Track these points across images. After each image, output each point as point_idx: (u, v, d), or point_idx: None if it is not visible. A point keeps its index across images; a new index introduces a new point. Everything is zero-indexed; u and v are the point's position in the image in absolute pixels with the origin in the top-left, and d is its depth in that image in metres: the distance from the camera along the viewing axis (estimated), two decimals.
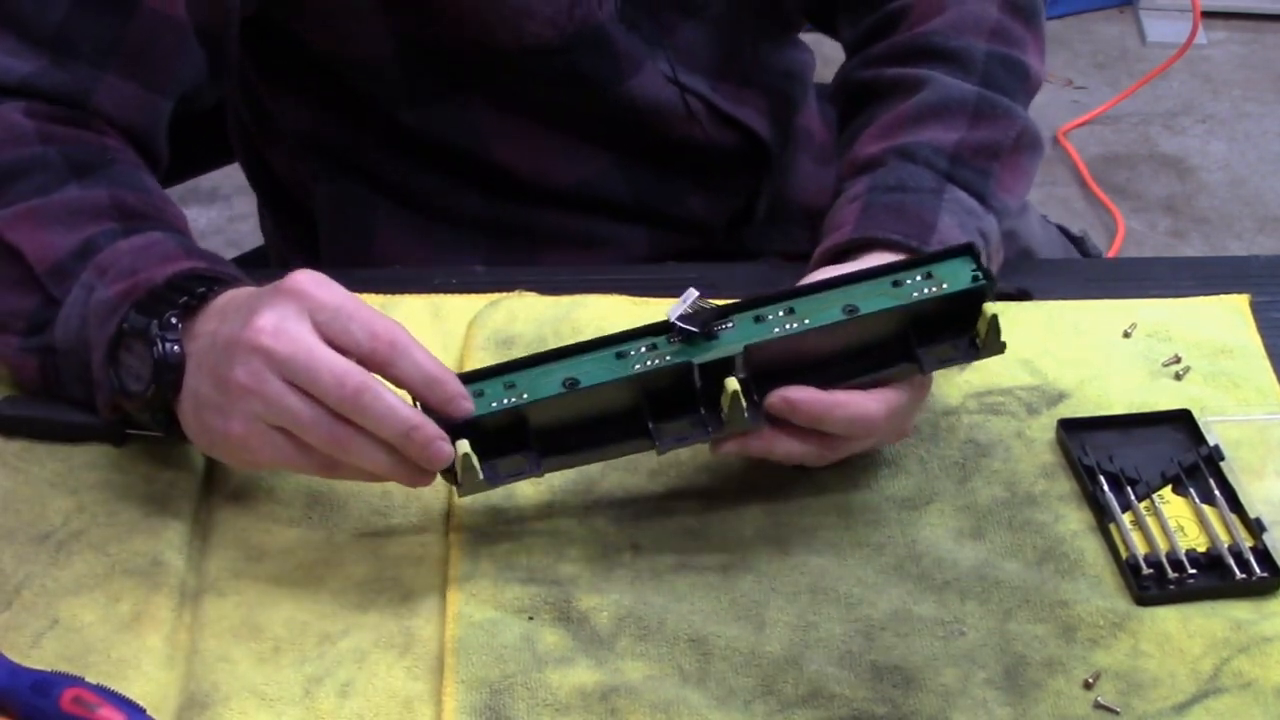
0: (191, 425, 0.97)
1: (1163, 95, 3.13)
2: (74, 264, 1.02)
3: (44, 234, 1.03)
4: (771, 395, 0.97)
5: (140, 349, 0.97)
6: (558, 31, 1.21)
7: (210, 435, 0.96)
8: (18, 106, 1.07)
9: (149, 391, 0.96)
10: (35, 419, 1.06)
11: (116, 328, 0.98)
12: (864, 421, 0.99)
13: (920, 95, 1.17)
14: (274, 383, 0.92)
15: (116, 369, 0.98)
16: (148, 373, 0.96)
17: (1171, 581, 0.99)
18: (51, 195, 1.04)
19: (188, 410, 0.97)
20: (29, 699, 0.88)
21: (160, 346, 0.95)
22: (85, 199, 1.05)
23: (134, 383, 0.97)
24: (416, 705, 0.92)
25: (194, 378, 0.96)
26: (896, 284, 0.99)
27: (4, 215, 1.04)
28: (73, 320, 1.01)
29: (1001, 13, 1.22)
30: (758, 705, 0.93)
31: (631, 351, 0.97)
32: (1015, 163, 1.17)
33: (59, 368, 1.03)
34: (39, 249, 1.03)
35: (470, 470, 0.95)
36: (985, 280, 0.99)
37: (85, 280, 1.01)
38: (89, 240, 1.02)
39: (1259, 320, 1.18)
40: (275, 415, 0.93)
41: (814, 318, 0.98)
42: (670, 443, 0.97)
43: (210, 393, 0.94)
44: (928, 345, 0.99)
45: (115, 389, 0.98)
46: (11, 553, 0.99)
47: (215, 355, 0.94)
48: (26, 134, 1.06)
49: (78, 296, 1.01)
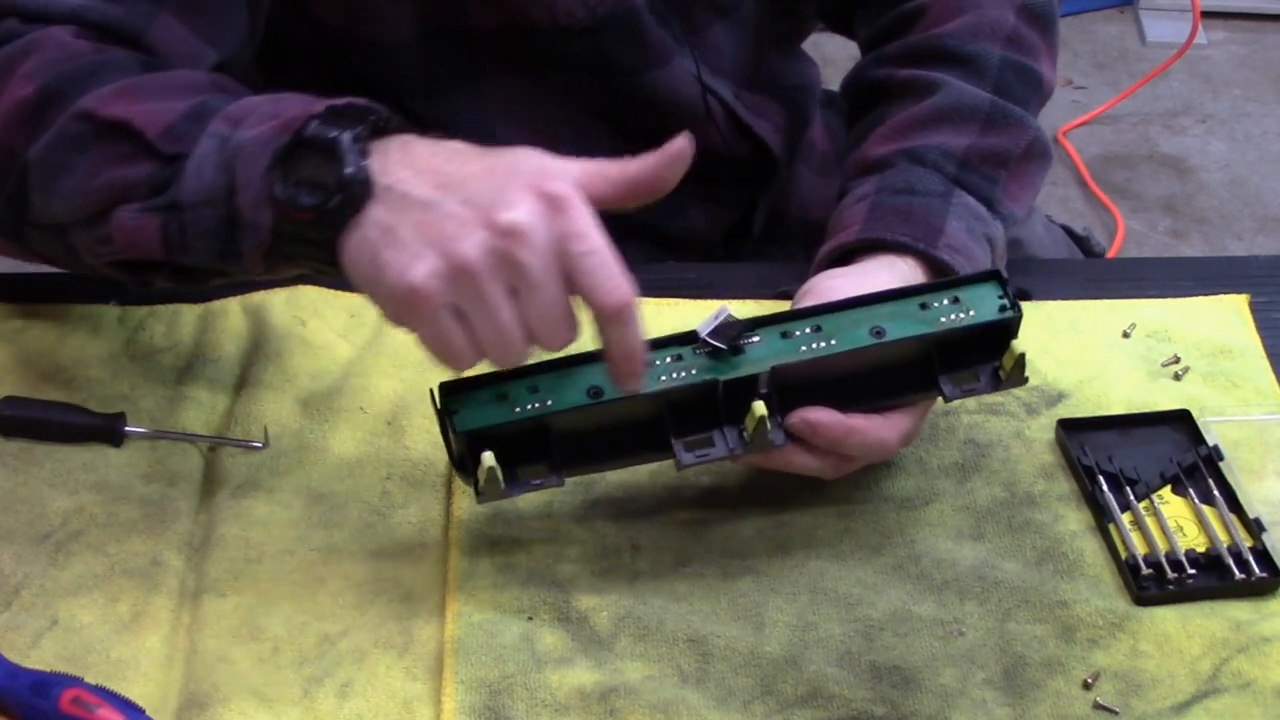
0: (363, 258, 0.90)
1: (1162, 95, 3.13)
2: (188, 125, 0.96)
3: (148, 104, 0.98)
4: (793, 416, 0.98)
5: (322, 162, 0.90)
6: (590, 11, 1.20)
7: (382, 274, 0.89)
8: (66, 29, 1.03)
9: (332, 202, 0.90)
10: (35, 419, 1.06)
11: (291, 139, 0.91)
12: (879, 446, 1.01)
13: (933, 99, 1.17)
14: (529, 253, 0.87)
15: (285, 184, 0.91)
16: (332, 184, 0.90)
17: (1171, 582, 0.99)
18: (141, 75, 1.00)
19: (369, 239, 0.89)
20: (28, 699, 0.88)
21: (353, 159, 0.90)
22: (180, 75, 1.01)
23: (308, 196, 0.91)
24: (416, 706, 0.92)
25: (384, 212, 0.89)
26: (924, 306, 0.99)
27: (98, 96, 0.98)
28: (206, 169, 0.94)
29: (1018, 19, 1.21)
30: (757, 705, 0.93)
31: (657, 361, 0.97)
32: (1023, 172, 1.17)
33: (185, 224, 0.95)
34: (147, 116, 0.97)
35: (493, 482, 0.95)
36: (1013, 311, 0.99)
37: (215, 131, 0.95)
38: (201, 104, 0.97)
39: (1258, 320, 1.18)
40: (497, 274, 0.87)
41: (840, 338, 0.98)
42: (692, 459, 0.97)
43: (411, 233, 0.88)
44: (950, 371, 1.00)
45: (283, 203, 0.91)
46: (11, 553, 0.99)
47: (436, 217, 0.88)
48: (82, 49, 1.02)
49: (208, 146, 0.95)
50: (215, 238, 0.95)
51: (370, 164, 0.90)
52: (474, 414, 0.95)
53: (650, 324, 1.14)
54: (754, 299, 1.15)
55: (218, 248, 0.95)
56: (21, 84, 1.00)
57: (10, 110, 1.00)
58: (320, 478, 1.05)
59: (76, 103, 0.99)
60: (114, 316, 1.15)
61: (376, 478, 1.05)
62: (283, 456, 1.06)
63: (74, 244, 1.01)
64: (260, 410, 1.09)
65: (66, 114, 0.99)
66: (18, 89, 1.00)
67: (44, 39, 1.02)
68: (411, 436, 1.07)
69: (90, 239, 1.00)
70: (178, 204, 0.95)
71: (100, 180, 0.97)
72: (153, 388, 1.10)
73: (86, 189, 0.98)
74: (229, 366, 1.12)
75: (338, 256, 0.91)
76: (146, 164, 0.96)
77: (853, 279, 1.06)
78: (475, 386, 0.96)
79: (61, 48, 1.02)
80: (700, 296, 1.18)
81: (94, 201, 0.98)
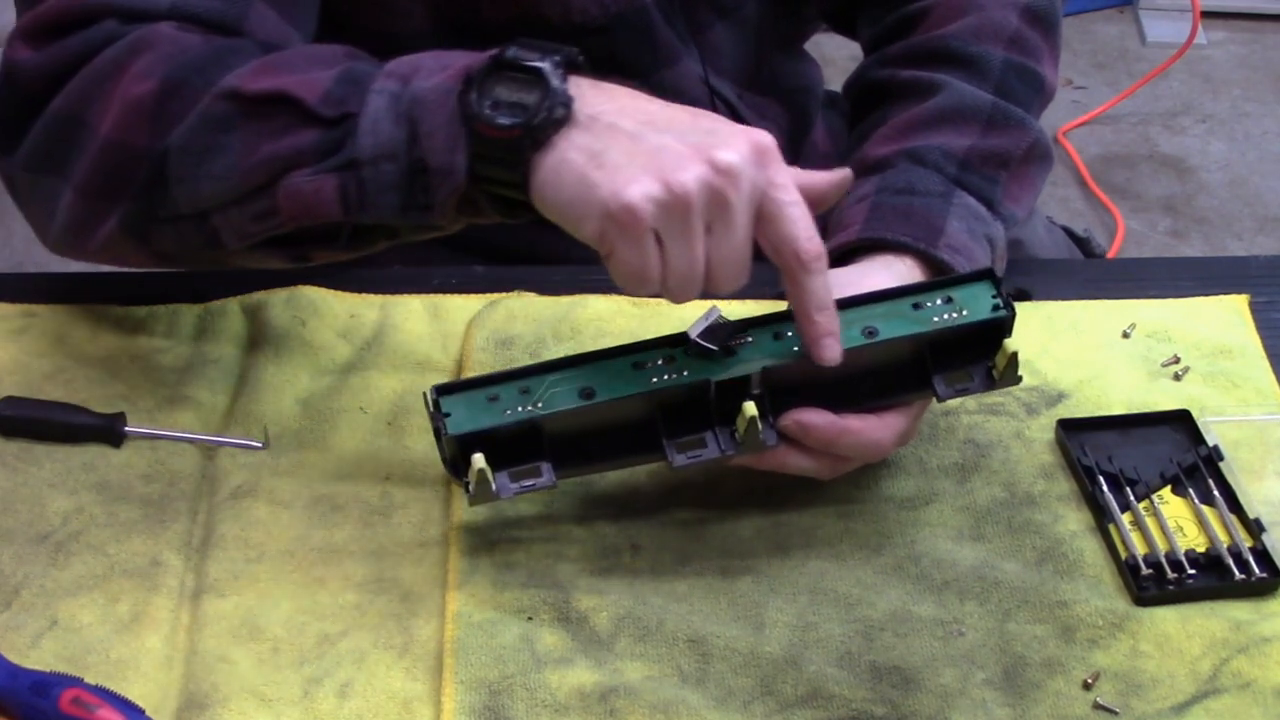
0: (568, 178, 0.91)
1: (1162, 95, 3.13)
2: (345, 88, 0.97)
3: (296, 75, 0.98)
4: (786, 417, 0.98)
5: (519, 86, 0.92)
6: (603, 10, 1.21)
7: (593, 191, 0.90)
8: (169, 25, 1.03)
9: (537, 118, 0.91)
10: (35, 419, 1.06)
11: (488, 63, 0.93)
12: (874, 447, 1.01)
13: (935, 100, 1.17)
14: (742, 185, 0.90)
15: (478, 105, 0.92)
16: (533, 103, 0.91)
17: (1170, 582, 0.99)
18: (272, 55, 1.00)
19: (573, 160, 0.91)
20: (28, 699, 0.88)
21: (556, 80, 0.92)
22: (312, 50, 1.01)
23: (505, 116, 0.92)
24: (416, 706, 0.92)
25: (599, 137, 0.91)
26: (917, 306, 0.99)
27: (240, 75, 0.99)
28: (383, 124, 0.95)
29: (1021, 21, 1.21)
30: (757, 706, 0.93)
31: (648, 363, 0.97)
32: (1024, 173, 1.17)
33: (363, 181, 0.96)
34: (300, 85, 0.97)
35: (484, 484, 0.95)
36: (1006, 310, 0.99)
37: (383, 88, 0.96)
38: (348, 70, 0.98)
39: (1258, 320, 1.18)
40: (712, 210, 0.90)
41: None
42: (684, 460, 0.97)
43: (624, 158, 0.90)
44: (943, 371, 1.00)
45: (482, 124, 0.92)
46: (10, 553, 0.99)
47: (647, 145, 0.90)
48: (194, 42, 1.02)
49: (379, 103, 0.95)
50: (398, 190, 0.95)
51: (570, 88, 0.92)
52: (466, 417, 0.95)
53: (650, 324, 1.15)
54: (752, 299, 1.15)
55: (400, 201, 0.96)
56: (138, 82, 1.00)
57: (129, 109, 1.00)
58: (320, 478, 1.05)
59: (216, 85, 0.99)
60: (115, 316, 1.15)
61: (376, 478, 1.05)
62: (283, 456, 1.06)
63: (217, 227, 1.01)
64: (260, 410, 1.09)
65: (208, 96, 0.99)
66: (134, 87, 1.00)
67: (152, 36, 1.02)
68: (411, 436, 1.07)
69: (244, 217, 1.00)
70: (355, 162, 0.96)
71: (261, 154, 0.97)
72: (153, 388, 1.10)
73: (244, 165, 0.98)
74: (229, 366, 1.12)
75: (528, 182, 0.92)
76: (311, 130, 0.97)
77: (850, 277, 1.06)
78: (468, 389, 0.96)
79: (173, 42, 1.02)
80: (700, 296, 1.17)
81: (255, 176, 0.98)
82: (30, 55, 1.04)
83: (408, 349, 1.14)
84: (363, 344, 1.14)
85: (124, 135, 1.00)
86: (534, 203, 0.93)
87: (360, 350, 1.13)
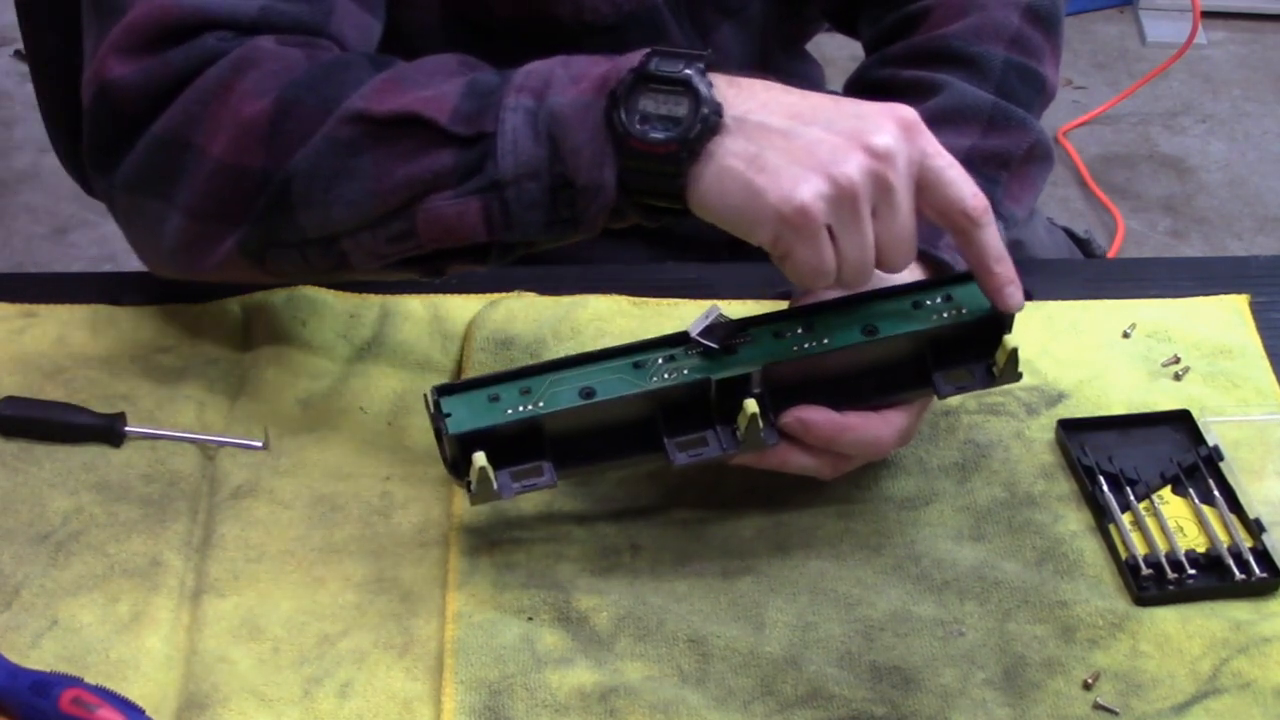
0: (732, 187, 0.91)
1: (1162, 95, 3.13)
2: (473, 104, 0.95)
3: (420, 92, 0.96)
4: (786, 415, 0.98)
5: (667, 98, 0.92)
6: (615, 9, 1.20)
7: (761, 198, 0.91)
8: (268, 39, 1.01)
9: (692, 132, 0.91)
10: (35, 419, 1.06)
11: (633, 77, 0.92)
12: (875, 445, 1.01)
13: (935, 99, 1.17)
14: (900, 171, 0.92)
15: (628, 126, 0.92)
16: (685, 115, 0.91)
17: (1171, 582, 0.99)
18: (387, 70, 0.98)
19: (733, 168, 0.91)
20: (28, 699, 0.88)
21: (704, 87, 0.92)
22: (428, 63, 0.99)
23: (657, 131, 0.92)
24: (416, 706, 0.92)
25: (752, 140, 0.91)
26: (916, 305, 0.99)
27: (364, 95, 0.97)
28: (523, 144, 0.94)
29: (1023, 21, 1.21)
30: (757, 706, 0.93)
31: (649, 362, 0.97)
32: (1025, 174, 1.17)
33: (507, 201, 0.95)
34: (429, 103, 0.96)
35: (484, 483, 0.95)
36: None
37: (517, 104, 0.95)
38: (472, 81, 0.97)
39: (1258, 320, 1.18)
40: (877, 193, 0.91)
41: (833, 337, 0.98)
42: (685, 459, 0.97)
43: (783, 159, 0.91)
44: (944, 369, 1.00)
45: (634, 142, 0.92)
46: (11, 553, 0.99)
47: (801, 143, 0.91)
48: (296, 56, 1.00)
49: (516, 120, 0.94)
50: (543, 208, 0.95)
51: (717, 93, 0.92)
52: (467, 417, 0.95)
53: (650, 324, 1.15)
54: (753, 299, 1.15)
55: (545, 218, 0.95)
56: (248, 102, 0.98)
57: (243, 130, 0.98)
58: (320, 478, 1.05)
59: (338, 105, 0.97)
60: (115, 316, 1.15)
61: (376, 478, 1.05)
62: (283, 456, 1.06)
63: (346, 251, 0.99)
64: (260, 410, 1.09)
65: (332, 120, 0.97)
66: (245, 107, 0.98)
67: (254, 53, 0.99)
68: (411, 436, 1.07)
69: (379, 240, 0.98)
70: (498, 183, 0.95)
71: (396, 177, 0.96)
72: (153, 388, 1.10)
73: (379, 189, 0.96)
74: (229, 366, 1.12)
75: (686, 193, 0.93)
76: (448, 151, 0.95)
77: None
78: (468, 389, 0.96)
79: (278, 58, 0.99)
80: (700, 296, 1.18)
81: (392, 200, 0.96)
82: (127, 72, 1.00)
83: (408, 349, 1.14)
84: (363, 344, 1.14)
85: (238, 157, 0.98)
86: (695, 212, 0.93)
87: (360, 350, 1.13)
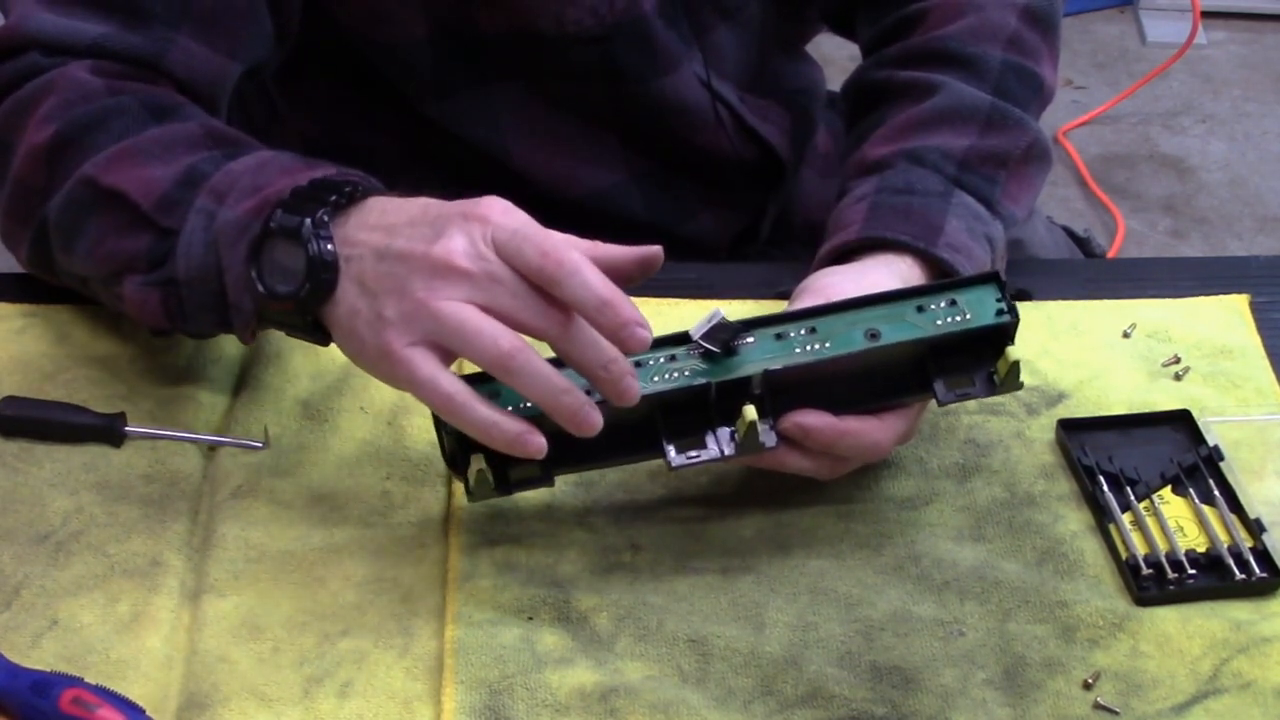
0: (344, 334, 0.94)
1: (1162, 95, 3.13)
2: (180, 193, 1.00)
3: (142, 170, 1.01)
4: (786, 420, 0.98)
5: (289, 249, 0.94)
6: (598, 20, 1.21)
7: (363, 348, 0.93)
8: (84, 65, 1.06)
9: (302, 292, 0.94)
10: (35, 419, 1.06)
11: (261, 229, 0.95)
12: (873, 448, 1.01)
13: (933, 100, 1.17)
14: (461, 305, 0.90)
15: (261, 273, 0.95)
16: (300, 272, 0.93)
17: (1171, 582, 0.99)
18: (139, 135, 1.03)
19: (342, 318, 0.93)
20: (28, 699, 0.88)
21: (315, 245, 0.93)
22: (176, 131, 1.04)
23: (283, 285, 0.94)
24: (416, 705, 0.92)
25: (353, 288, 0.93)
26: (920, 309, 0.99)
27: (97, 163, 1.02)
28: (195, 248, 0.99)
29: (1020, 22, 1.21)
30: (757, 706, 0.93)
31: (650, 361, 0.97)
32: (1023, 173, 1.17)
33: (182, 299, 1.00)
34: (141, 185, 1.01)
35: (483, 483, 0.95)
36: (1010, 316, 0.99)
37: (201, 206, 0.99)
38: (191, 168, 1.01)
39: (1259, 320, 1.18)
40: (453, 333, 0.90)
41: (835, 341, 0.98)
42: (682, 461, 0.97)
43: (369, 306, 0.92)
44: (945, 375, 1.00)
45: (261, 293, 0.95)
46: (11, 553, 0.99)
47: (388, 267, 0.91)
48: (96, 89, 1.05)
49: (196, 224, 0.99)
50: (213, 310, 1.00)
51: (333, 246, 0.94)
52: None
53: (650, 324, 1.15)
54: (754, 299, 1.15)
55: (216, 319, 1.00)
56: (40, 127, 1.05)
57: (31, 153, 1.05)
58: (320, 478, 1.05)
59: (81, 166, 1.03)
60: (115, 316, 1.15)
61: (376, 478, 1.05)
62: (283, 456, 1.06)
63: (97, 293, 1.07)
64: (260, 410, 1.09)
65: (74, 177, 1.03)
66: (36, 133, 1.05)
67: (62, 79, 1.06)
68: (411, 436, 1.07)
69: (108, 296, 1.06)
70: (174, 280, 1.00)
71: (106, 248, 1.03)
72: (153, 388, 1.10)
73: (96, 254, 1.04)
74: (229, 366, 1.12)
75: (327, 333, 0.96)
76: (145, 235, 1.01)
77: (849, 276, 1.06)
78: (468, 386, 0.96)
79: (78, 87, 1.05)
80: (700, 297, 1.18)
81: (104, 267, 1.04)
82: None
83: None
84: None
85: (25, 176, 1.06)
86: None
87: None
